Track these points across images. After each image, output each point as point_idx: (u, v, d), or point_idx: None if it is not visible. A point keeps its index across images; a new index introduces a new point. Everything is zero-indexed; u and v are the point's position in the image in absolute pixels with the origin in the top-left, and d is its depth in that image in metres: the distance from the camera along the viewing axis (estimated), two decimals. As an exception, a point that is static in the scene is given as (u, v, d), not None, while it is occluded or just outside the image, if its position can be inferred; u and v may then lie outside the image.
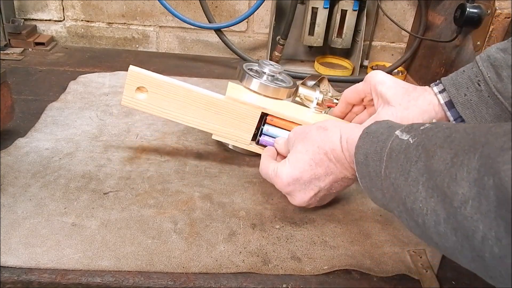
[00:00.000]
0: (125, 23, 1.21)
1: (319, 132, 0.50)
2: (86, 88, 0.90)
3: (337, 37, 1.13)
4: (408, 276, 0.49)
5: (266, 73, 0.64)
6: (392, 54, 1.27)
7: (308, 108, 0.66)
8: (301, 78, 0.91)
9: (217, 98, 0.60)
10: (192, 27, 1.17)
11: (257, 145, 0.63)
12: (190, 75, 1.04)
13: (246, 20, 1.17)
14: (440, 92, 0.54)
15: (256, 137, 0.63)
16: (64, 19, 1.20)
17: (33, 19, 1.18)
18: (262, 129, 0.62)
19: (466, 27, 0.89)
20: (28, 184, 0.58)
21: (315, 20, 1.10)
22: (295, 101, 0.68)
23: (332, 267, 0.49)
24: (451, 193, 0.29)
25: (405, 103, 0.55)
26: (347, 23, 1.10)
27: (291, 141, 0.53)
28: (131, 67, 0.60)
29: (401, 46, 1.26)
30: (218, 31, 1.13)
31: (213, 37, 1.20)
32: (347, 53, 1.22)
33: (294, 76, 0.95)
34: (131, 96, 0.60)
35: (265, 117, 0.62)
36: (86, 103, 0.83)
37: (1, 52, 1.05)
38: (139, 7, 1.19)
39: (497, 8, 0.81)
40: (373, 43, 1.25)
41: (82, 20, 1.20)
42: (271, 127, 0.62)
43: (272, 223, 0.56)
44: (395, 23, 1.06)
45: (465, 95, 0.52)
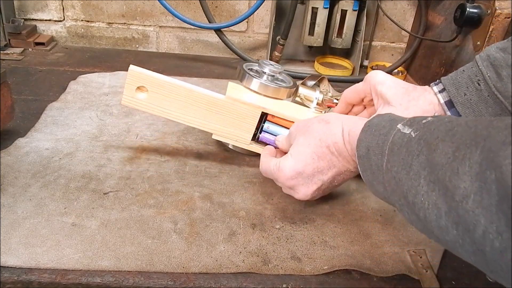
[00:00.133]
0: (125, 23, 1.21)
1: (321, 125, 0.50)
2: (86, 88, 0.90)
3: (337, 37, 1.13)
4: (408, 276, 0.49)
5: (266, 73, 0.65)
6: (392, 54, 1.27)
7: (308, 108, 0.66)
8: (301, 78, 0.91)
9: (217, 98, 0.60)
10: (192, 27, 1.17)
11: (257, 142, 0.64)
12: (190, 75, 1.04)
13: (246, 20, 1.17)
14: (440, 92, 0.54)
15: (256, 137, 0.63)
16: (64, 19, 1.20)
17: (33, 19, 1.18)
18: (262, 127, 0.62)
19: (466, 27, 0.89)
20: (28, 184, 0.58)
21: (315, 20, 1.10)
22: (295, 101, 0.68)
23: (332, 267, 0.49)
24: (453, 187, 0.29)
25: (405, 103, 0.55)
26: (347, 23, 1.10)
27: (293, 135, 0.53)
28: (131, 67, 0.60)
29: (401, 46, 1.26)
30: (218, 31, 1.13)
31: (213, 37, 1.20)
32: (347, 53, 1.22)
33: (294, 76, 0.95)
34: (131, 96, 0.60)
35: (265, 116, 0.62)
36: (86, 103, 0.83)
37: (1, 52, 1.05)
38: (139, 7, 1.19)
39: (497, 8, 0.81)
40: (373, 43, 1.25)
41: (82, 20, 1.20)
42: (272, 125, 0.62)
43: (272, 223, 0.56)
44: (395, 23, 1.06)
45: (465, 95, 0.52)
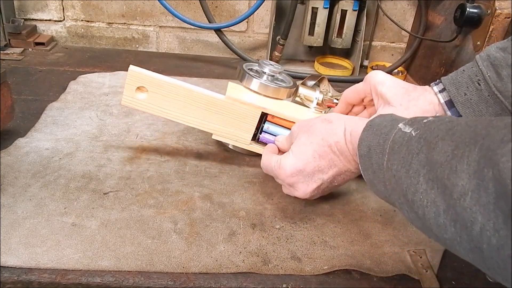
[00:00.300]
0: (125, 23, 1.21)
1: (324, 125, 0.50)
2: (86, 88, 0.90)
3: (337, 37, 1.13)
4: (408, 276, 0.49)
5: (266, 73, 0.65)
6: (392, 54, 1.27)
7: (308, 108, 0.66)
8: (301, 78, 0.91)
9: (217, 98, 0.60)
10: (192, 27, 1.17)
11: (257, 143, 0.64)
12: (190, 75, 1.04)
13: (246, 20, 1.17)
14: (440, 92, 0.54)
15: (256, 137, 0.63)
16: (64, 19, 1.20)
17: (33, 19, 1.18)
18: (262, 127, 0.62)
19: (466, 27, 0.89)
20: (28, 184, 0.58)
21: (315, 20, 1.10)
22: (295, 101, 0.68)
23: (332, 267, 0.49)
24: (451, 184, 0.29)
25: (405, 103, 0.55)
26: (347, 23, 1.10)
27: (295, 134, 0.53)
28: (131, 67, 0.60)
29: (401, 46, 1.26)
30: (218, 31, 1.13)
31: (213, 37, 1.20)
32: (347, 53, 1.22)
33: (294, 76, 0.95)
34: (131, 96, 0.60)
35: (265, 116, 0.62)
36: (86, 103, 0.83)
37: (1, 52, 1.05)
38: (139, 7, 1.19)
39: (497, 8, 0.81)
40: (373, 43, 1.25)
41: (82, 20, 1.20)
42: (272, 125, 0.62)
43: (272, 223, 0.56)
44: (395, 23, 1.06)
45: (465, 95, 0.52)
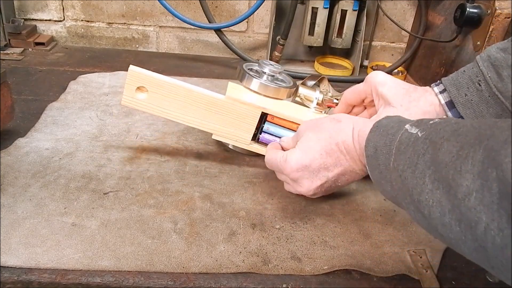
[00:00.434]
0: (125, 23, 1.21)
1: (333, 123, 0.50)
2: (86, 88, 0.90)
3: (337, 37, 1.13)
4: (408, 276, 0.49)
5: (266, 73, 0.64)
6: (392, 54, 1.27)
7: (308, 108, 0.66)
8: (301, 78, 0.91)
9: (217, 98, 0.60)
10: (192, 27, 1.17)
11: (257, 143, 0.64)
12: (190, 75, 1.04)
13: (246, 20, 1.17)
14: (440, 93, 0.54)
15: (256, 137, 0.63)
16: (64, 19, 1.19)
17: (33, 19, 1.18)
18: (262, 127, 0.62)
19: (466, 27, 0.89)
20: (28, 184, 0.58)
21: (315, 20, 1.10)
22: (295, 101, 0.68)
23: (332, 267, 0.49)
24: (456, 185, 0.29)
25: (406, 104, 0.55)
26: (347, 23, 1.10)
27: (301, 133, 0.53)
28: (131, 67, 0.60)
29: (401, 46, 1.26)
30: (218, 31, 1.13)
31: (213, 37, 1.20)
32: (347, 53, 1.22)
33: (294, 76, 0.95)
34: (131, 96, 0.60)
35: (265, 116, 0.62)
36: (86, 103, 0.83)
37: (1, 52, 1.05)
38: (139, 7, 1.19)
39: (497, 8, 0.81)
40: (373, 43, 1.25)
41: (82, 20, 1.20)
42: (272, 125, 0.62)
43: (272, 223, 0.56)
44: (395, 23, 1.06)
45: (466, 95, 0.52)
